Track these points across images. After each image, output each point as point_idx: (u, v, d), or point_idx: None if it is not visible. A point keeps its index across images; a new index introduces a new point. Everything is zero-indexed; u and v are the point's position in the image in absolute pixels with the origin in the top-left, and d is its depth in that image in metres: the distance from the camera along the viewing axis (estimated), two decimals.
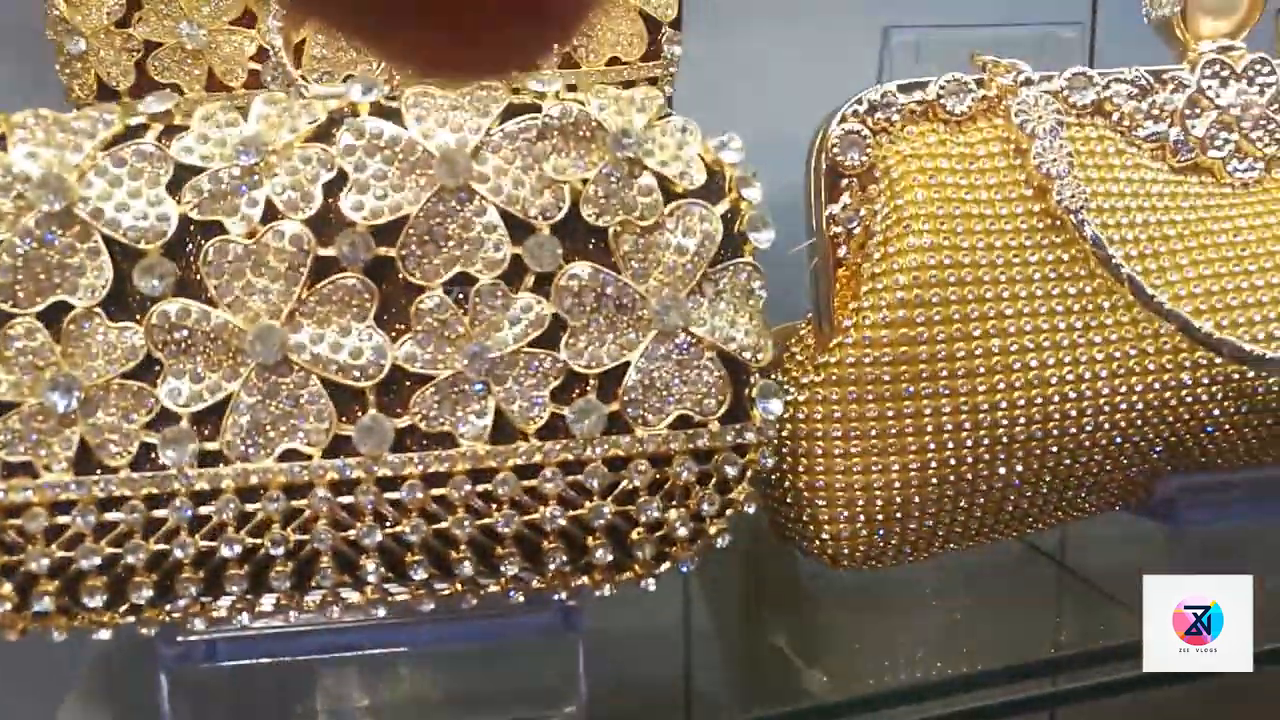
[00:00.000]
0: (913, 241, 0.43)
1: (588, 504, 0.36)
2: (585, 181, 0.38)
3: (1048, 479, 0.44)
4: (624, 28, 0.54)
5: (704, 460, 0.38)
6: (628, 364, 0.37)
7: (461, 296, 0.37)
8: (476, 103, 0.38)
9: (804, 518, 0.43)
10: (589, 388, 0.37)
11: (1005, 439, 0.43)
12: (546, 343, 0.37)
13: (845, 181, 0.44)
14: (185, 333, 0.35)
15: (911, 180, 0.44)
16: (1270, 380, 0.44)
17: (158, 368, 0.35)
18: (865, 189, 0.44)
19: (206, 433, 0.35)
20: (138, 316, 0.35)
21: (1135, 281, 0.43)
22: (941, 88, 0.45)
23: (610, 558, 0.37)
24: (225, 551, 0.35)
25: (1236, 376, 0.44)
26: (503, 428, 0.36)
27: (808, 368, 0.43)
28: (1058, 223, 0.44)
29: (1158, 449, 0.45)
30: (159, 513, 0.35)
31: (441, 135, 0.37)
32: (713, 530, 0.38)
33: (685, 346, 0.37)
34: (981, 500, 0.44)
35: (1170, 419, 0.44)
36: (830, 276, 0.44)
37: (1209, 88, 0.47)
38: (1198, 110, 0.47)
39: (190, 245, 0.36)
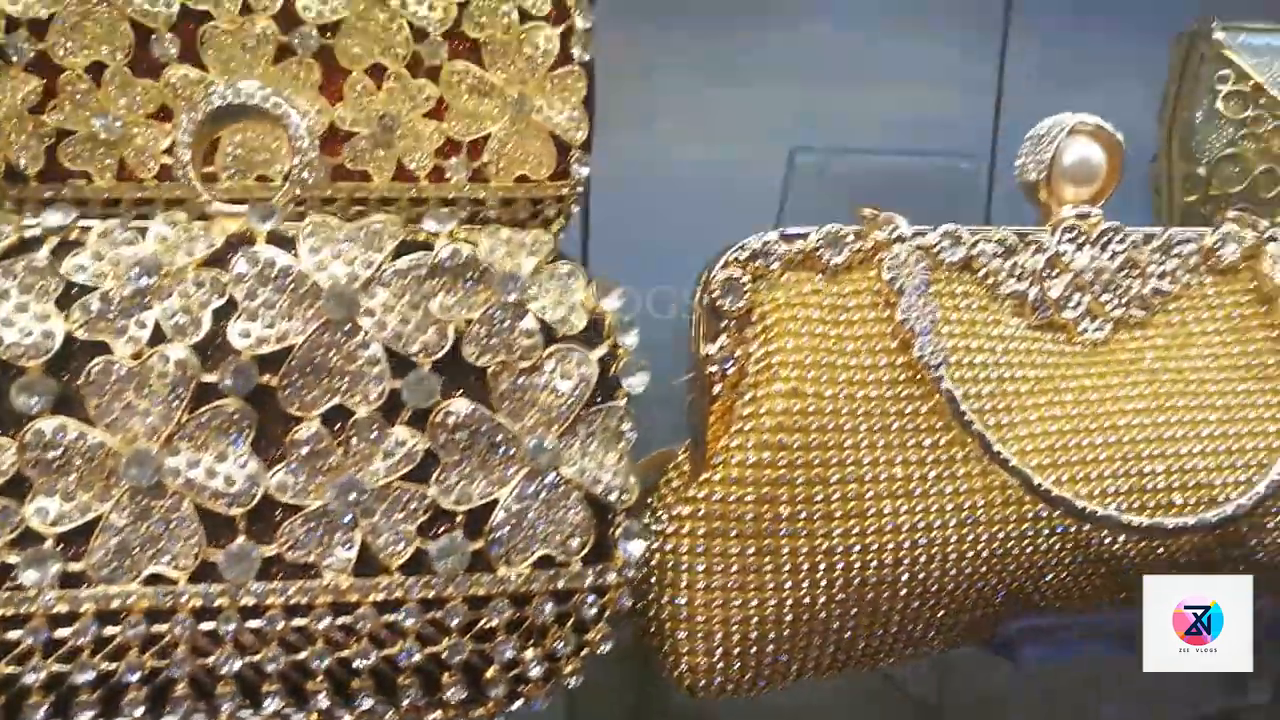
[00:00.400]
0: (780, 387, 0.45)
1: (445, 641, 0.38)
2: (469, 321, 0.39)
3: (897, 619, 0.47)
4: (534, 147, 0.56)
5: (563, 600, 0.39)
6: (495, 502, 0.39)
7: (339, 428, 0.38)
8: (371, 237, 0.40)
9: (665, 647, 0.45)
10: (456, 524, 0.38)
11: (857, 581, 0.45)
12: (417, 477, 0.38)
13: (723, 323, 0.47)
14: (60, 451, 0.36)
15: (784, 327, 0.46)
16: (1104, 533, 0.47)
17: (27, 485, 0.36)
18: (742, 331, 0.47)
19: (72, 553, 0.36)
20: (11, 432, 0.36)
21: (983, 437, 0.46)
22: (820, 239, 0.48)
23: (464, 695, 0.38)
24: (79, 677, 0.35)
25: (1074, 529, 0.47)
26: (368, 561, 0.38)
27: (680, 498, 0.45)
28: (919, 375, 0.46)
29: (1000, 594, 0.48)
30: (12, 634, 0.35)
31: (334, 268, 0.39)
32: (567, 670, 0.40)
33: (553, 486, 0.39)
34: (834, 638, 0.46)
35: (1012, 567, 0.47)
36: (705, 412, 0.47)
37: (1065, 252, 0.51)
38: (1055, 272, 0.51)
39: (74, 363, 0.37)
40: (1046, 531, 0.47)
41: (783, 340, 0.46)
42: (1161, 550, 0.49)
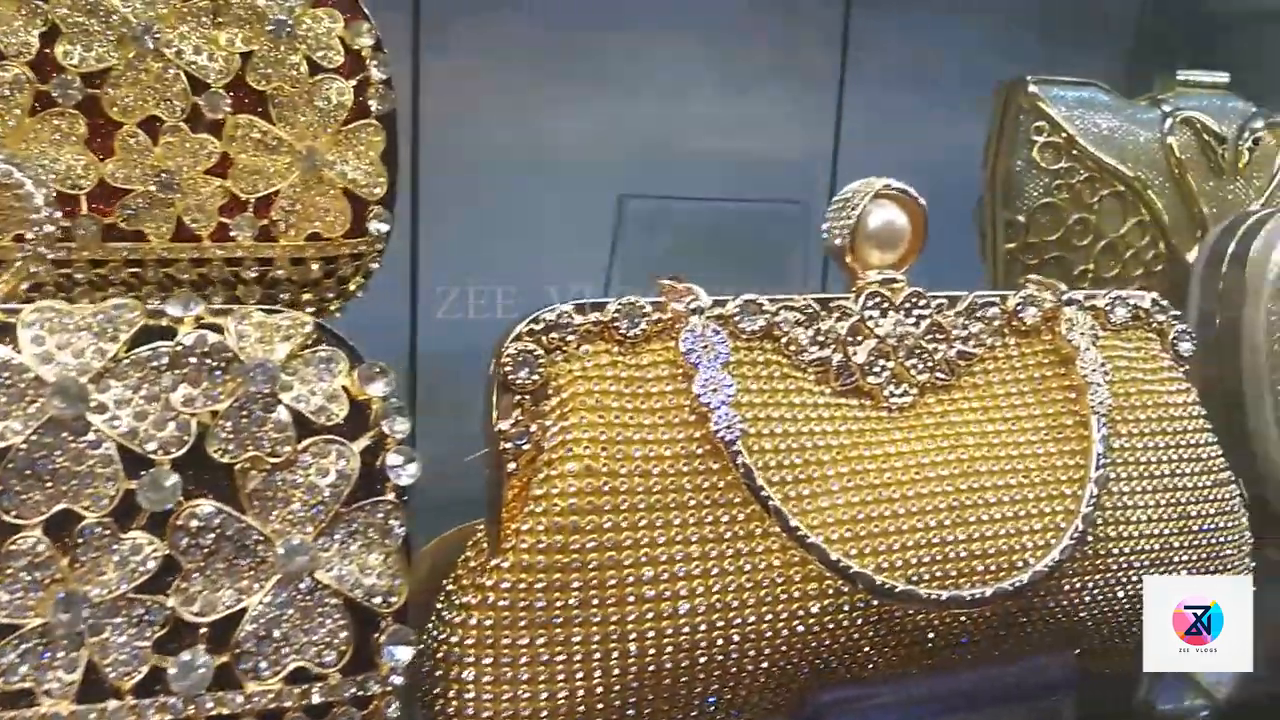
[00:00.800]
0: (572, 466, 0.43)
1: None
2: (215, 415, 0.36)
3: (696, 703, 0.45)
4: (327, 204, 0.53)
5: (320, 715, 0.36)
6: (244, 611, 0.36)
7: (64, 536, 0.34)
8: (106, 324, 0.36)
9: None
10: (198, 638, 0.35)
11: (653, 667, 0.43)
12: (155, 588, 0.35)
13: (517, 398, 0.45)
14: None
15: (579, 402, 0.44)
16: (905, 606, 0.47)
17: None
18: (538, 406, 0.45)
19: None
20: None
21: (779, 512, 0.45)
22: (617, 311, 0.46)
23: None
24: None
25: (875, 603, 0.46)
26: (94, 683, 0.34)
27: (469, 585, 0.43)
28: (716, 450, 0.45)
29: (804, 670, 0.47)
30: None
31: (62, 358, 0.35)
32: None
33: (309, 592, 0.36)
34: None
35: (814, 644, 0.46)
36: (499, 492, 0.45)
37: (870, 317, 0.51)
38: (859, 338, 0.51)
39: None
40: (848, 607, 0.46)
41: (578, 416, 0.44)
42: (965, 619, 0.48)
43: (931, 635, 0.48)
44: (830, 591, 0.46)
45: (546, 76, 0.85)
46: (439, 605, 0.44)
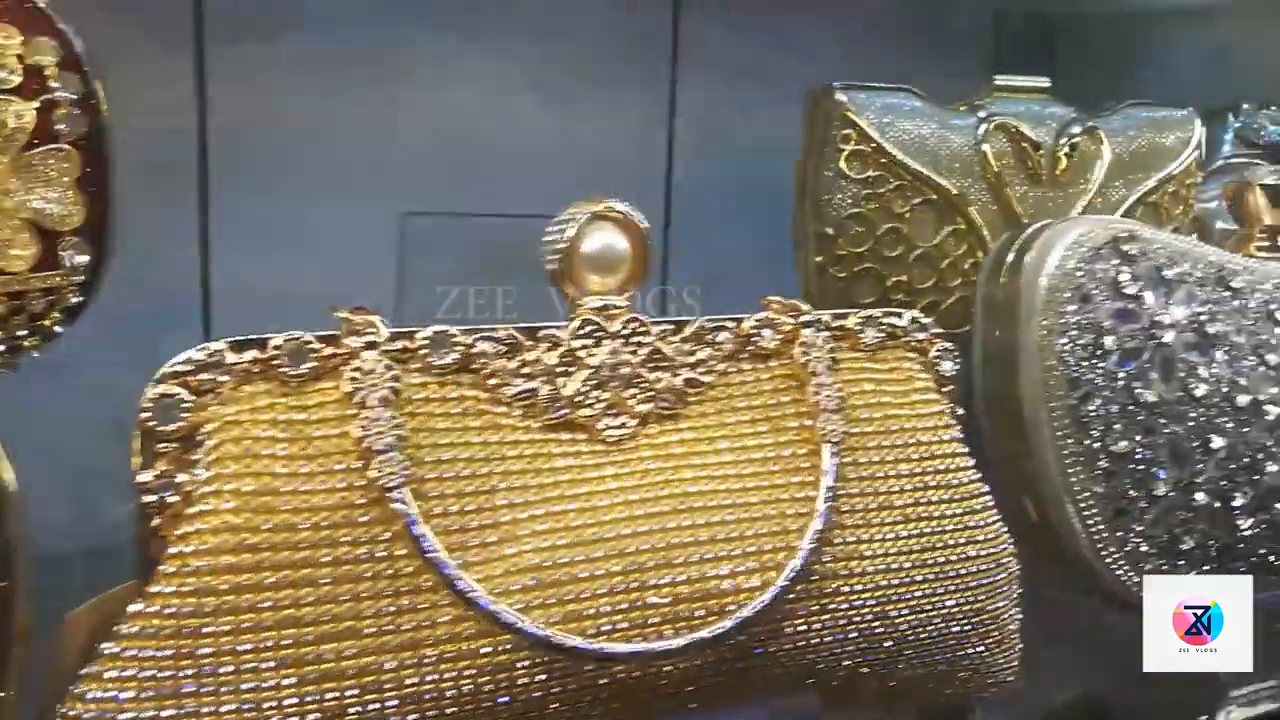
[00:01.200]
0: (210, 522, 0.40)
1: None
2: None
3: None
4: (9, 235, 0.50)
5: None
6: None
7: None
8: None
9: None
10: None
11: None
12: None
13: (161, 447, 0.42)
14: None
15: (225, 450, 0.41)
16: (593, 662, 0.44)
17: None
18: (187, 454, 0.42)
19: None
20: None
21: (439, 563, 0.41)
22: (278, 348, 0.43)
23: None
24: None
25: (559, 660, 0.43)
26: None
27: (100, 655, 0.40)
28: (382, 498, 0.42)
29: None
30: None
31: None
32: None
33: None
34: None
35: (489, 704, 0.42)
36: (143, 551, 0.41)
37: (582, 346, 0.48)
38: (571, 368, 0.48)
39: None
40: (527, 663, 0.43)
41: (224, 465, 0.41)
42: (670, 668, 0.45)
43: (633, 686, 0.45)
44: (505, 648, 0.42)
45: (349, 84, 0.81)
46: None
